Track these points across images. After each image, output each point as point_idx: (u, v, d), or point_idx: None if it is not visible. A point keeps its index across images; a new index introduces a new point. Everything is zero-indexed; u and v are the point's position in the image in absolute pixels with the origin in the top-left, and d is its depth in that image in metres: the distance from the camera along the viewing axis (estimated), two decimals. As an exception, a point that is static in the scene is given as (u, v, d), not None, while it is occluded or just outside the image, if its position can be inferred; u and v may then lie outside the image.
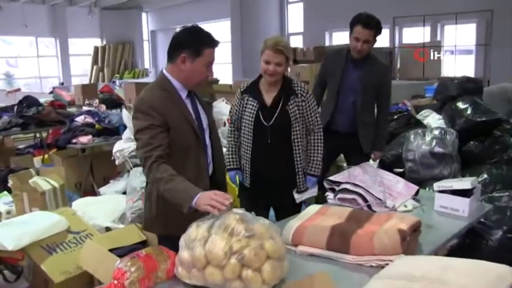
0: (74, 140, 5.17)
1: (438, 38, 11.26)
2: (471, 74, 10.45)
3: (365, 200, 2.39)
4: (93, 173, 5.59)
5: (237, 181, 2.98)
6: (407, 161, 4.04)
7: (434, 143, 3.91)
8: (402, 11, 11.20)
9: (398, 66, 11.77)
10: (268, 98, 2.78)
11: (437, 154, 3.87)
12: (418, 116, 5.12)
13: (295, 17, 14.40)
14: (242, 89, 2.87)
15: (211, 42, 2.26)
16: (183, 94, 2.30)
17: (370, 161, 3.66)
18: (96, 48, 19.51)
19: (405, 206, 2.43)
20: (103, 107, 6.25)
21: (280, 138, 2.78)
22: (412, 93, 8.16)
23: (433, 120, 4.87)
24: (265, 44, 2.72)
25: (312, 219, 2.15)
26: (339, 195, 2.48)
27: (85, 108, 6.23)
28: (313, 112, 2.86)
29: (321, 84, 3.69)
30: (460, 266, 1.48)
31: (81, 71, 19.52)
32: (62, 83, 16.92)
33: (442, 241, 2.12)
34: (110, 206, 4.08)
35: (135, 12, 19.46)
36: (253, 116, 2.77)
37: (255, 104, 2.79)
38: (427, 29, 11.27)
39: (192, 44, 2.20)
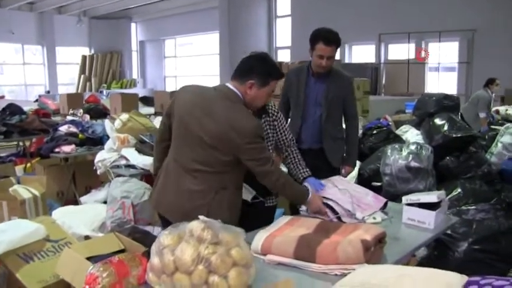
0: (57, 149, 5.17)
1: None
2: (453, 90, 10.70)
3: (335, 212, 2.46)
4: (75, 182, 5.56)
5: None
6: (384, 174, 4.13)
7: (410, 158, 4.00)
8: (388, 28, 11.43)
9: (383, 81, 11.99)
10: None
11: (413, 168, 3.96)
12: (398, 131, 5.24)
13: (284, 32, 14.58)
14: None
15: (278, 75, 2.40)
16: None
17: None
18: (84, 57, 19.50)
19: (374, 218, 2.51)
20: (87, 116, 6.28)
21: None
22: (395, 108, 8.34)
23: (412, 135, 4.99)
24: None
25: (281, 229, 2.22)
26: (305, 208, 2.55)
27: (69, 117, 6.25)
28: (286, 130, 2.86)
29: (285, 102, 3.66)
30: (416, 274, 1.55)
31: (68, 79, 19.48)
32: (48, 91, 16.84)
33: (406, 252, 2.19)
34: (90, 215, 4.08)
35: (124, 22, 19.52)
36: None
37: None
38: (412, 46, 11.50)
39: (262, 73, 2.32)
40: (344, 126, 3.67)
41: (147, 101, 10.19)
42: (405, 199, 2.53)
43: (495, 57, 9.90)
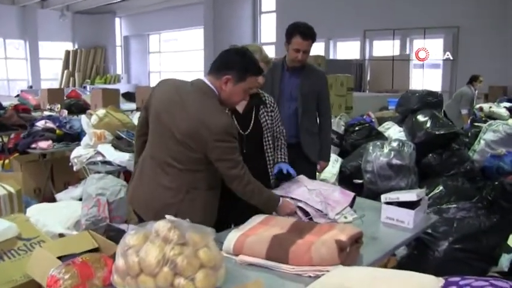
0: (34, 145, 5.04)
1: (407, 52, 11.50)
2: (438, 87, 10.71)
3: (306, 213, 2.38)
4: (53, 179, 5.47)
5: None
6: (366, 172, 4.08)
7: (392, 155, 3.95)
8: (373, 24, 11.42)
9: (368, 78, 11.97)
10: (240, 106, 2.71)
11: (394, 166, 3.91)
12: (380, 128, 5.19)
13: (268, 27, 14.50)
14: None
15: (256, 71, 2.30)
16: None
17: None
18: (67, 52, 19.26)
19: (345, 217, 2.43)
20: (65, 112, 6.14)
21: (255, 148, 2.75)
22: (379, 105, 8.31)
23: (394, 132, 4.94)
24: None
25: (255, 228, 2.14)
26: None
27: (46, 113, 6.10)
28: (280, 122, 2.90)
29: None
30: (390, 277, 1.48)
31: (52, 75, 19.22)
32: (31, 87, 16.57)
33: (384, 252, 2.12)
34: (65, 213, 3.98)
35: (108, 17, 19.31)
36: None
37: (227, 112, 2.66)
38: (397, 42, 11.50)
39: (239, 68, 2.22)
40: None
41: (129, 96, 10.08)
42: (384, 198, 2.46)
43: (479, 54, 9.95)
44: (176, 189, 2.25)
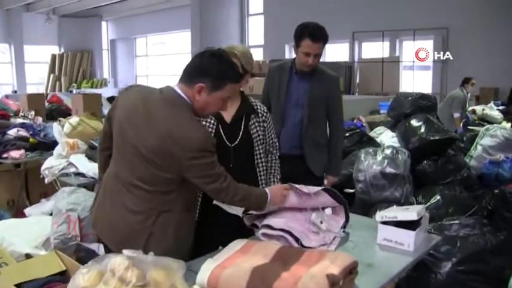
0: (5, 155, 4.74)
1: (397, 54, 11.32)
2: (429, 89, 10.53)
3: (293, 236, 2.10)
4: (28, 190, 5.19)
5: None
6: (357, 181, 3.83)
7: (385, 163, 3.70)
8: (362, 26, 11.25)
9: (357, 80, 11.76)
10: (227, 115, 2.45)
11: (388, 175, 3.66)
12: (372, 133, 4.95)
13: (256, 30, 14.30)
14: None
15: (234, 77, 1.99)
16: None
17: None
18: (53, 56, 18.98)
19: (335, 237, 2.17)
20: (39, 119, 5.81)
21: (244, 161, 2.47)
22: (369, 108, 8.09)
23: (387, 137, 4.70)
24: None
25: (233, 258, 1.86)
26: (263, 231, 2.16)
27: (19, 120, 5.77)
28: (273, 134, 2.61)
29: (265, 102, 3.28)
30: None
31: (38, 79, 18.92)
32: (15, 91, 16.19)
33: (383, 282, 1.85)
34: (34, 230, 3.69)
35: (94, 20, 19.06)
36: (212, 134, 2.39)
37: (212, 121, 2.43)
38: (386, 44, 11.33)
39: (215, 75, 1.92)
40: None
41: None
42: (380, 216, 2.20)
43: (470, 55, 9.81)
44: (145, 213, 1.95)
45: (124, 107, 1.99)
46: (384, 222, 2.18)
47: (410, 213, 2.14)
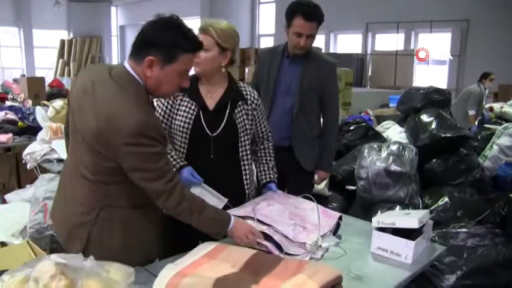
0: (-8, 139, 4.53)
1: (412, 47, 10.89)
2: (444, 85, 10.12)
3: (276, 244, 1.82)
4: (19, 174, 5.01)
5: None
6: (359, 179, 3.53)
7: (390, 160, 3.39)
8: (376, 17, 10.86)
9: (369, 73, 11.39)
10: (211, 102, 2.19)
11: (393, 173, 3.35)
12: (379, 128, 4.63)
13: (267, 18, 13.96)
14: None
15: (190, 46, 1.72)
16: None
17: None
18: (62, 41, 18.77)
19: (320, 246, 1.88)
20: (29, 102, 5.56)
21: (226, 153, 2.21)
22: (380, 102, 7.81)
23: (394, 133, 4.37)
24: None
25: (197, 264, 1.59)
26: None
27: (8, 103, 5.53)
28: (265, 121, 2.36)
29: (255, 88, 3.07)
30: None
31: (47, 64, 18.71)
32: (23, 75, 16.07)
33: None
34: (13, 217, 3.54)
35: (104, 5, 18.84)
36: (191, 121, 2.16)
37: (193, 107, 2.17)
38: (401, 36, 10.94)
39: (165, 45, 1.66)
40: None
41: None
42: (376, 221, 1.90)
43: (489, 50, 9.31)
44: (88, 205, 1.74)
45: (75, 90, 1.78)
46: (380, 229, 1.88)
47: (411, 219, 1.83)
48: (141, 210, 1.77)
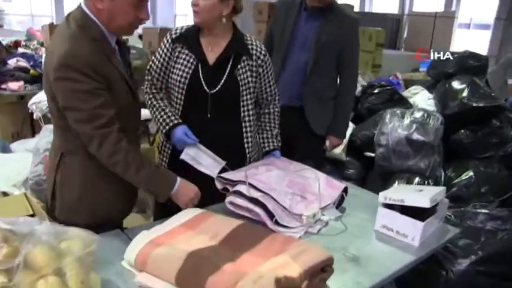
0: (3, 86, 4.44)
1: (453, 8, 10.28)
2: (484, 51, 9.56)
3: (269, 213, 1.64)
4: (33, 124, 4.96)
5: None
6: (379, 146, 3.32)
7: (413, 128, 3.16)
8: (416, -25, 10.24)
9: (405, 35, 10.87)
10: (211, 55, 1.99)
11: (415, 142, 3.13)
12: (406, 93, 4.34)
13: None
14: (174, 36, 2.02)
15: None
16: (112, 41, 1.64)
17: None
18: (93, -11, 18.58)
19: (320, 218, 1.69)
20: (42, 50, 5.40)
21: (225, 113, 2.02)
22: (412, 66, 7.42)
23: (422, 99, 4.08)
24: None
25: (174, 233, 1.43)
26: (230, 198, 1.72)
27: (20, 50, 5.39)
28: (271, 81, 2.13)
29: (269, 41, 2.79)
30: None
31: (78, 11, 18.64)
32: (52, 23, 16.02)
33: (368, 286, 1.37)
34: (16, 167, 3.46)
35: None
36: (188, 76, 1.97)
37: (191, 60, 1.98)
38: (441, -3, 10.33)
39: None
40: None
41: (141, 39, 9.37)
42: (383, 197, 1.69)
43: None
44: (54, 151, 1.72)
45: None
46: (387, 205, 1.68)
47: (422, 197, 1.61)
48: (99, 161, 1.60)
